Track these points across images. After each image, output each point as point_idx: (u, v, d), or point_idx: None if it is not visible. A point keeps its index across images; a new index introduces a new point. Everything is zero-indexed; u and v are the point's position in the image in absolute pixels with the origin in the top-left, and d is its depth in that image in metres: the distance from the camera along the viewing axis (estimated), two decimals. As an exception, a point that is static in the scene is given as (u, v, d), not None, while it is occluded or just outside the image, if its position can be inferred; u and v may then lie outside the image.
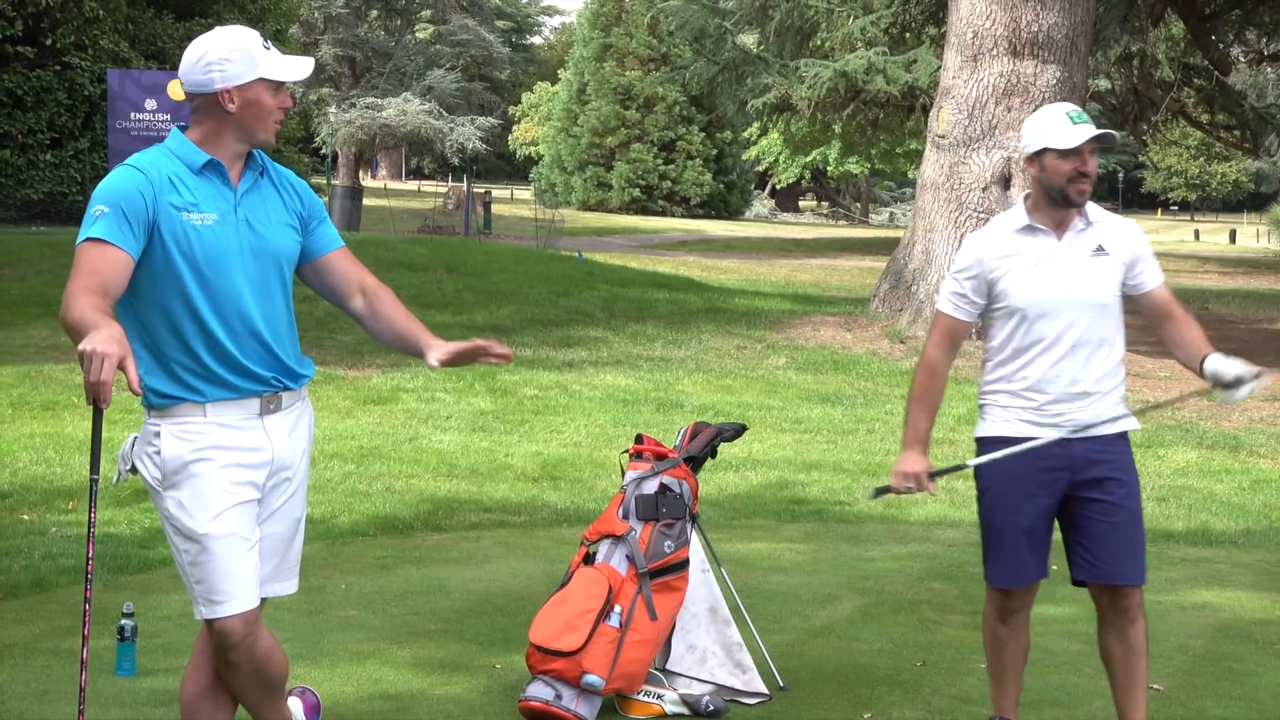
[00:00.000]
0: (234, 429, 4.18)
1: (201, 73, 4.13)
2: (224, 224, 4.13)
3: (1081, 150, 4.94)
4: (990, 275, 5.03)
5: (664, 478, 5.80)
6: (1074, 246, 5.02)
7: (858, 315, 19.83)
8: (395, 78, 66.48)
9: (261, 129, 4.19)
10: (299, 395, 4.38)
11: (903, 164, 61.09)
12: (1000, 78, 17.76)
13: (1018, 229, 5.07)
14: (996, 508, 5.10)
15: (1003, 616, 5.19)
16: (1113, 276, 5.02)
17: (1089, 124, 4.96)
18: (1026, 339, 5.00)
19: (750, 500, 10.31)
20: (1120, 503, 5.01)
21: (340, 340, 16.19)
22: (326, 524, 8.98)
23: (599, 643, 5.46)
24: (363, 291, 4.46)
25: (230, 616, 4.19)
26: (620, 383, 14.88)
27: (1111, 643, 5.13)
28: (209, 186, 4.14)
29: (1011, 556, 5.08)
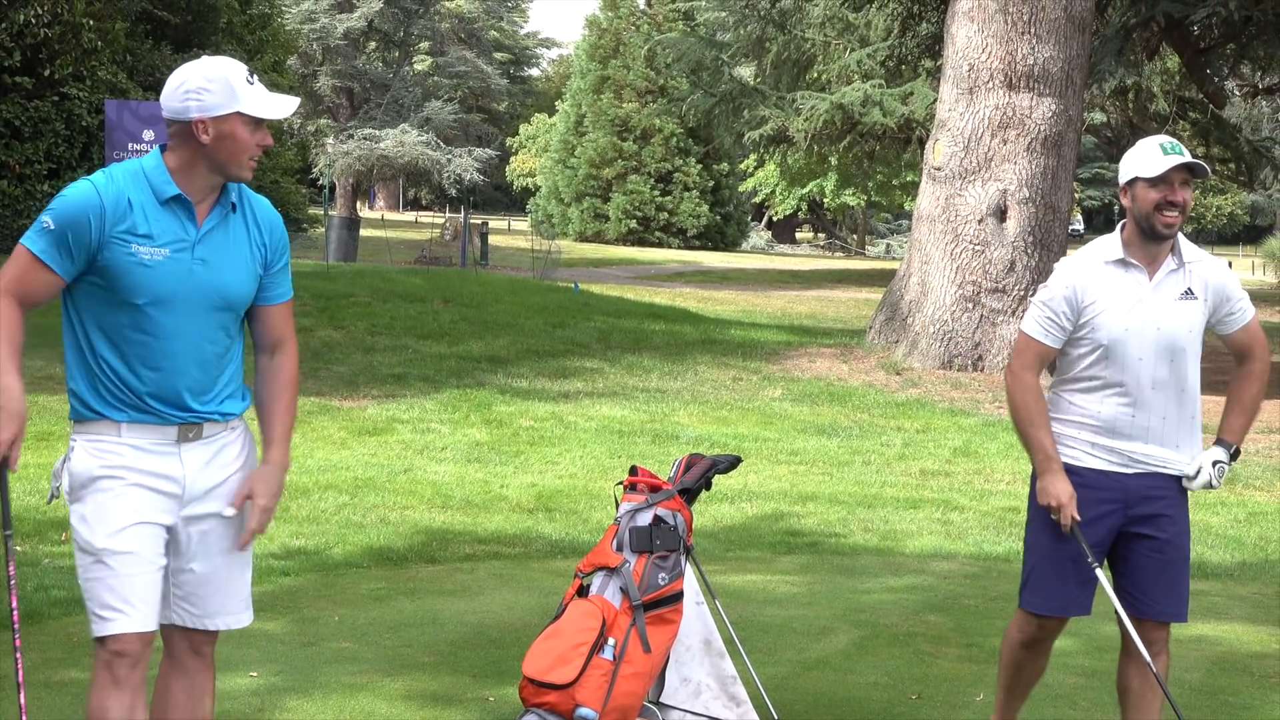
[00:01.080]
0: (146, 453, 4.12)
1: (179, 99, 4.08)
2: (175, 261, 4.06)
3: (1171, 180, 4.92)
4: (1081, 304, 5.00)
5: (658, 510, 5.78)
6: (1164, 288, 5.01)
7: (854, 347, 19.83)
8: (393, 109, 66.60)
9: (234, 164, 4.11)
10: (225, 427, 4.27)
11: (899, 196, 61.18)
12: (996, 110, 17.81)
13: (1111, 260, 5.05)
14: (1045, 533, 5.07)
15: (1029, 643, 5.21)
16: (1197, 321, 5.01)
17: (1182, 154, 4.93)
18: (1104, 374, 4.99)
19: (745, 532, 10.29)
20: (1171, 540, 5.03)
21: (335, 371, 16.19)
22: (320, 555, 8.96)
23: (593, 675, 5.43)
24: (272, 352, 4.38)
25: (120, 635, 4.08)
26: (616, 414, 14.86)
27: (1131, 675, 5.15)
28: (171, 220, 4.08)
29: (1054, 584, 5.07)
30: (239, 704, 5.97)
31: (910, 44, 29.50)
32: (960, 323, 17.95)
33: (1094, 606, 5.22)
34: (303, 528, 9.67)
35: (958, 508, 11.26)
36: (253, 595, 7.82)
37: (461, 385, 15.83)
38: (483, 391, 15.52)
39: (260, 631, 7.15)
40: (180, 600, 4.30)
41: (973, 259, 17.93)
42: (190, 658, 4.42)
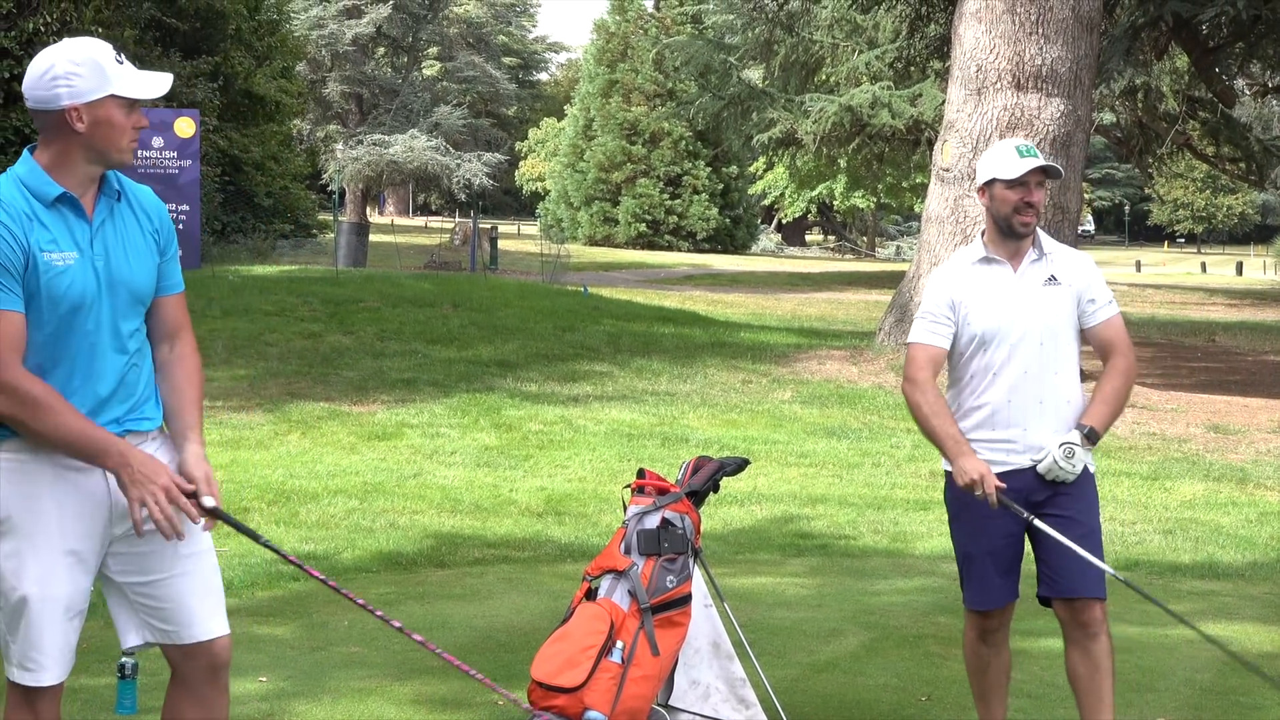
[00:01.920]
0: (71, 470, 3.85)
1: (46, 88, 3.79)
2: (82, 262, 3.83)
3: (1027, 182, 5.17)
4: (955, 302, 5.24)
5: (666, 512, 5.77)
6: (1028, 276, 5.24)
7: (863, 349, 19.81)
8: (402, 114, 66.65)
9: (114, 150, 3.85)
10: (147, 438, 4.00)
11: (908, 198, 61.19)
12: (1004, 111, 17.77)
13: (976, 260, 5.31)
14: (963, 533, 5.32)
15: (982, 636, 5.38)
16: (1064, 306, 5.22)
17: (1037, 157, 5.19)
18: (981, 365, 5.20)
19: (755, 534, 10.28)
20: (1076, 518, 5.14)
21: (345, 376, 16.19)
22: (330, 560, 8.96)
23: (601, 679, 5.42)
24: (170, 343, 4.12)
25: (41, 687, 3.89)
26: (625, 417, 14.86)
27: (1076, 661, 5.24)
28: (62, 221, 3.83)
29: (984, 579, 5.28)
30: (248, 709, 5.97)
31: (918, 45, 29.50)
32: (970, 324, 17.90)
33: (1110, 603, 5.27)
34: (312, 532, 9.68)
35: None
36: (262, 600, 7.87)
37: (471, 389, 15.83)
38: (492, 396, 15.52)
39: (269, 636, 7.16)
40: (150, 617, 4.05)
41: (982, 260, 17.89)
42: (205, 684, 4.21)
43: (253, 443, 12.81)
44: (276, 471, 11.59)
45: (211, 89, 32.57)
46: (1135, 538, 10.48)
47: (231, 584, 8.20)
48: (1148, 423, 15.85)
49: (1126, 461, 13.56)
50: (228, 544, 9.22)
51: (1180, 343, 26.20)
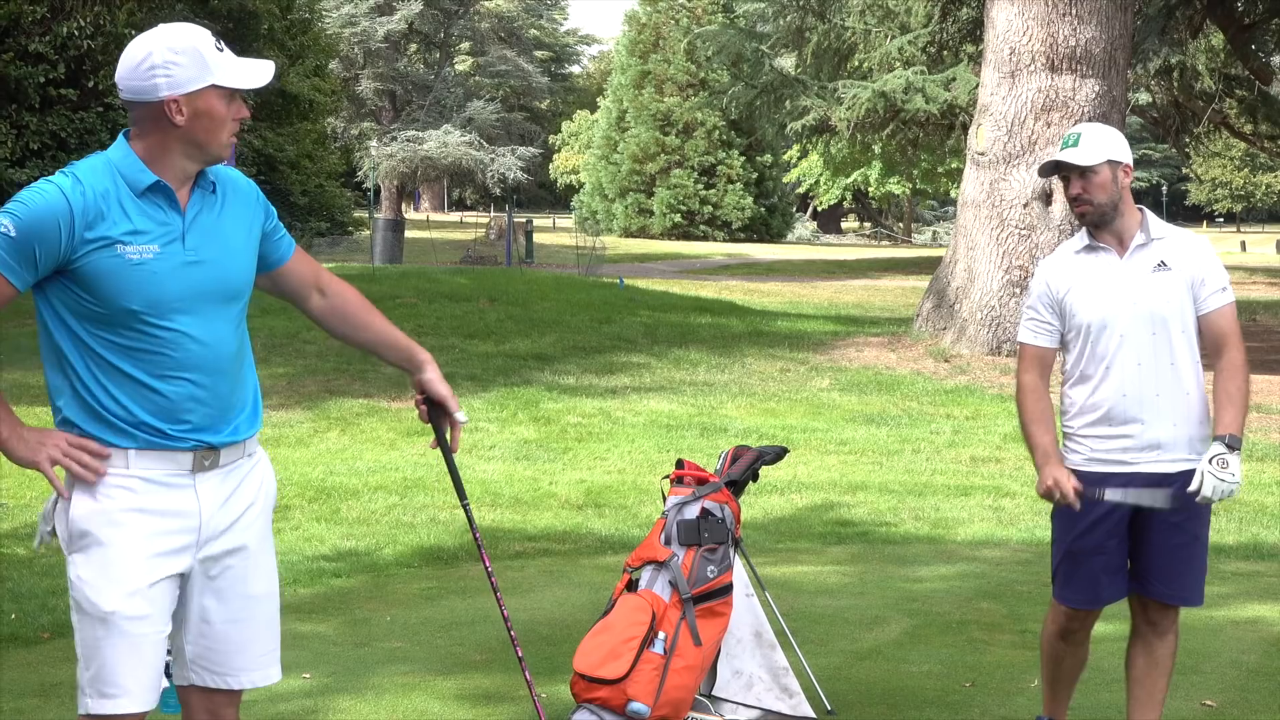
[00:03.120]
0: (159, 486, 3.60)
1: (144, 78, 3.53)
2: (166, 256, 3.56)
3: (1069, 176, 4.99)
4: (1057, 296, 5.04)
5: (705, 502, 5.77)
6: (1136, 261, 5.00)
7: (901, 335, 19.76)
8: (435, 110, 66.79)
9: (214, 143, 3.62)
10: (242, 451, 3.76)
11: (944, 183, 60.93)
12: (1039, 93, 17.69)
13: (1079, 249, 5.09)
14: (1067, 529, 5.07)
15: (1064, 635, 5.21)
16: (1176, 292, 4.96)
17: (1076, 149, 4.97)
18: (1092, 358, 4.99)
19: (795, 523, 10.27)
20: (1183, 525, 4.98)
21: (383, 372, 16.23)
22: (371, 556, 8.99)
23: (644, 670, 5.42)
24: (321, 292, 4.00)
25: (121, 715, 3.60)
26: (664, 408, 14.85)
27: (1138, 654, 5.17)
28: (153, 211, 3.57)
29: (1083, 577, 5.06)
30: (292, 706, 6.00)
31: (951, 29, 29.37)
32: (1007, 308, 17.85)
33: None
34: (353, 529, 9.71)
35: (1009, 494, 11.19)
36: (304, 597, 7.90)
37: (509, 383, 15.85)
38: (530, 389, 15.54)
39: (312, 633, 7.19)
40: (197, 658, 3.77)
41: (1019, 244, 17.83)
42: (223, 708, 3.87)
43: (293, 440, 12.86)
44: (317, 469, 11.63)
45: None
46: (1178, 520, 10.41)
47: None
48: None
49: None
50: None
51: (1221, 323, 25.97)
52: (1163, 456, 4.94)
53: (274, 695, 6.13)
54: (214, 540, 3.68)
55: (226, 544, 3.71)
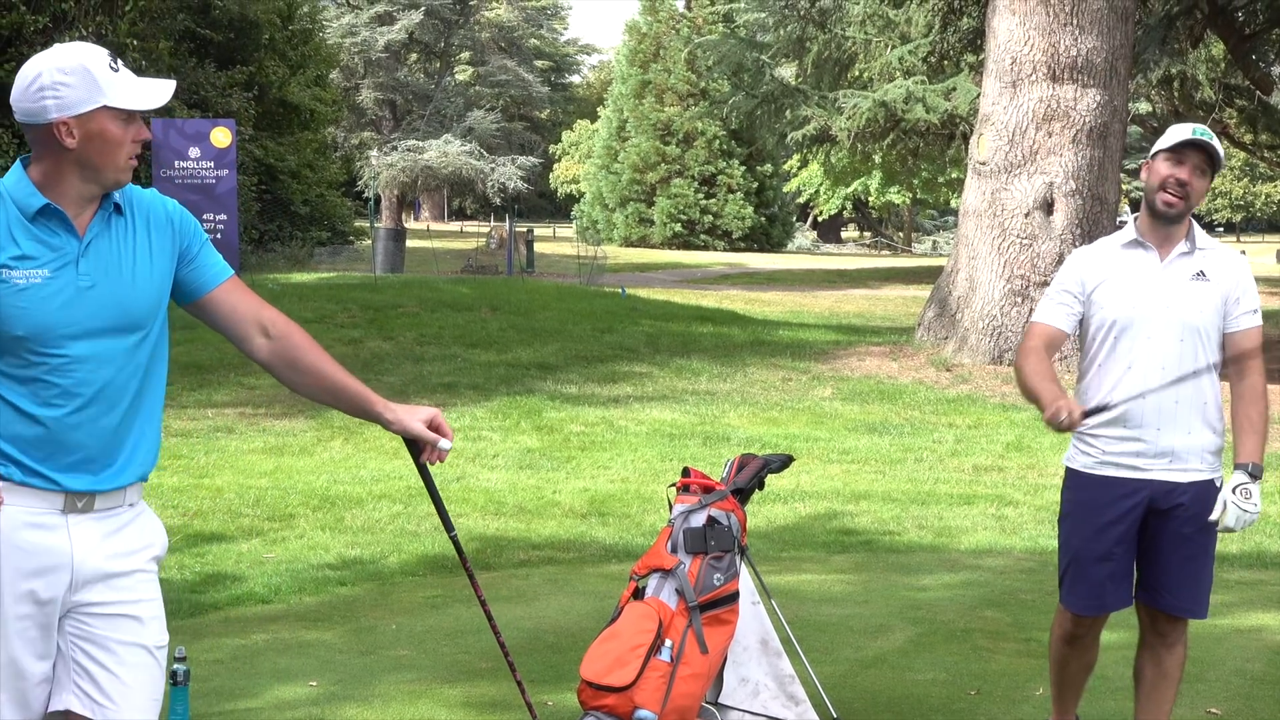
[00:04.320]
0: (29, 526, 3.41)
1: (33, 100, 3.39)
2: (57, 281, 3.39)
3: (1185, 159, 4.87)
4: (1089, 283, 5.00)
5: (712, 510, 5.78)
6: (1176, 268, 4.97)
7: (903, 344, 19.77)
8: (436, 120, 66.84)
9: (109, 167, 3.44)
10: (122, 499, 3.53)
11: (945, 192, 61.03)
12: (1040, 103, 17.72)
13: (1124, 243, 5.04)
14: (1076, 533, 5.08)
15: (1070, 640, 5.22)
16: (1210, 305, 4.94)
17: (1209, 138, 4.87)
18: (1113, 356, 4.96)
19: (799, 532, 10.27)
20: (1194, 537, 4.99)
21: (386, 381, 16.25)
22: (376, 564, 9.00)
23: (650, 677, 5.43)
24: (265, 332, 3.73)
25: None
26: (666, 417, 14.86)
27: (1146, 663, 5.19)
28: (45, 235, 3.41)
29: (1090, 583, 5.06)
30: (299, 713, 6.00)
31: (951, 39, 29.42)
32: (1009, 317, 17.86)
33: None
34: (358, 537, 9.72)
35: (1011, 503, 11.20)
36: (310, 606, 7.91)
37: (511, 392, 15.86)
38: (532, 398, 15.55)
39: (318, 641, 7.20)
40: (82, 680, 3.51)
41: (1020, 253, 17.85)
42: None
43: (296, 449, 12.87)
44: (320, 477, 11.64)
45: (246, 99, 32.74)
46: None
47: (279, 590, 8.26)
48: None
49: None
50: (274, 550, 9.29)
51: (1222, 332, 26.00)
52: (1174, 465, 4.95)
53: (280, 703, 6.15)
54: (91, 585, 3.47)
55: (105, 591, 3.50)
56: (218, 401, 14.96)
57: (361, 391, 3.82)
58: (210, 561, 8.91)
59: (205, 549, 9.20)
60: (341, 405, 3.85)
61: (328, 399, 3.84)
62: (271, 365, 3.77)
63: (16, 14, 23.49)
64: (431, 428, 3.89)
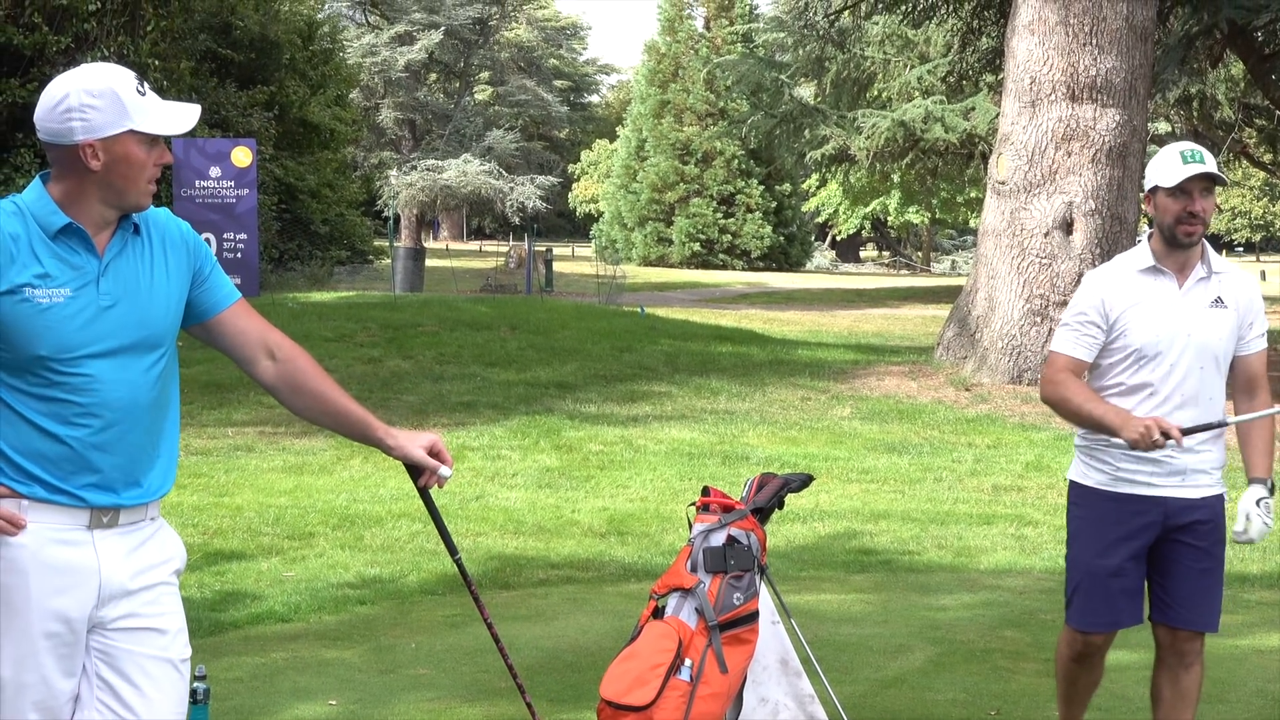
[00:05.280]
0: (55, 543, 3.43)
1: (59, 120, 3.40)
2: (79, 300, 3.42)
3: (1191, 190, 4.93)
4: (1110, 313, 5.02)
5: (731, 529, 5.78)
6: (1195, 295, 5.02)
7: (922, 364, 19.75)
8: (455, 139, 67.06)
9: (132, 190, 3.47)
10: (145, 514, 3.57)
11: (963, 212, 61.00)
12: (1059, 123, 17.71)
13: (1141, 269, 5.07)
14: (1087, 550, 5.09)
15: (1079, 659, 5.23)
16: (1228, 330, 5.02)
17: (1202, 163, 4.92)
18: (1135, 380, 5.00)
19: (818, 551, 10.26)
20: (1208, 550, 5.02)
21: (405, 400, 16.28)
22: (395, 584, 9.01)
23: (670, 697, 5.43)
24: (270, 355, 3.75)
25: None
26: (685, 436, 14.86)
27: (1164, 684, 5.20)
28: (67, 254, 3.43)
29: (1098, 600, 5.08)
30: (319, 732, 6.02)
31: (971, 59, 29.44)
32: (1029, 336, 17.84)
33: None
34: (377, 556, 9.73)
35: (1031, 522, 11.18)
36: (329, 624, 7.92)
37: (530, 411, 15.88)
38: (551, 417, 15.56)
39: (337, 659, 7.21)
40: (104, 695, 3.53)
41: (1039, 272, 17.83)
42: None
43: (316, 468, 12.90)
44: (340, 496, 11.66)
45: (267, 118, 32.87)
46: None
47: (298, 608, 8.28)
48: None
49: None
50: (293, 568, 9.31)
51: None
52: (1187, 483, 4.99)
53: (300, 721, 6.16)
54: (115, 600, 3.50)
55: (129, 606, 3.52)
56: (237, 420, 15.00)
57: (363, 417, 3.85)
58: (230, 580, 8.93)
59: (225, 567, 9.23)
60: (343, 430, 3.89)
61: (330, 423, 3.87)
62: (276, 388, 3.79)
63: (39, 34, 23.63)
64: (431, 453, 3.96)
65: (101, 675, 3.51)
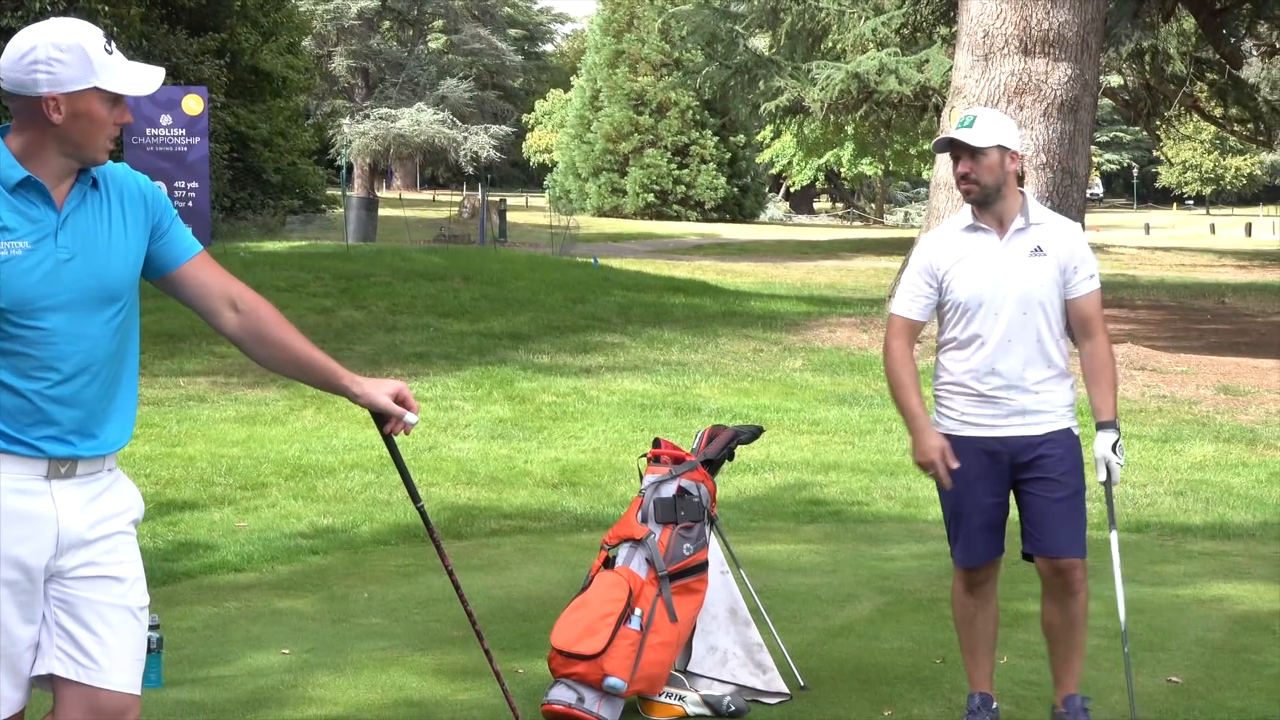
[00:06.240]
0: (13, 492, 3.46)
1: (25, 71, 3.42)
2: (37, 254, 3.44)
3: (960, 155, 5.29)
4: (938, 271, 5.33)
5: (682, 481, 5.85)
6: (1014, 245, 5.31)
7: (874, 316, 19.87)
8: (408, 88, 66.66)
9: (90, 146, 3.49)
10: (102, 465, 3.60)
11: (917, 165, 61.09)
12: (1012, 76, 17.76)
13: (964, 227, 5.39)
14: (951, 493, 5.36)
15: (969, 589, 5.50)
16: (1049, 277, 5.29)
17: (970, 130, 5.26)
18: (967, 332, 5.29)
19: (769, 502, 10.36)
20: (1060, 479, 5.29)
21: (358, 350, 16.29)
22: (348, 533, 9.05)
23: (620, 645, 5.51)
24: (233, 306, 3.76)
25: None
26: (638, 388, 14.93)
27: (1052, 614, 5.43)
28: (25, 207, 3.44)
29: (970, 537, 5.39)
30: (271, 680, 6.06)
31: (925, 11, 29.44)
32: (979, 289, 17.94)
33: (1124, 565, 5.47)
34: (330, 506, 9.77)
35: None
36: (283, 575, 7.96)
37: (483, 362, 15.91)
38: (505, 368, 15.60)
39: (290, 609, 7.26)
40: (64, 643, 3.57)
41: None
42: None
43: (268, 418, 12.90)
44: (293, 446, 11.68)
45: (218, 66, 32.55)
46: (1146, 500, 10.54)
47: (251, 558, 8.31)
48: (1158, 385, 15.90)
49: (1137, 424, 13.61)
50: (246, 518, 9.33)
51: (1190, 305, 26.21)
52: (1029, 421, 5.28)
53: (253, 670, 6.21)
54: (74, 550, 3.53)
55: (87, 554, 3.55)
56: (190, 370, 14.97)
57: (328, 365, 3.90)
58: (183, 530, 8.95)
59: (178, 517, 9.24)
60: (308, 379, 3.93)
61: (294, 373, 3.90)
62: (239, 339, 3.81)
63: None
64: (397, 401, 4.02)
65: (60, 623, 3.54)
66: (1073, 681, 5.42)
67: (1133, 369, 16.41)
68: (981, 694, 5.51)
